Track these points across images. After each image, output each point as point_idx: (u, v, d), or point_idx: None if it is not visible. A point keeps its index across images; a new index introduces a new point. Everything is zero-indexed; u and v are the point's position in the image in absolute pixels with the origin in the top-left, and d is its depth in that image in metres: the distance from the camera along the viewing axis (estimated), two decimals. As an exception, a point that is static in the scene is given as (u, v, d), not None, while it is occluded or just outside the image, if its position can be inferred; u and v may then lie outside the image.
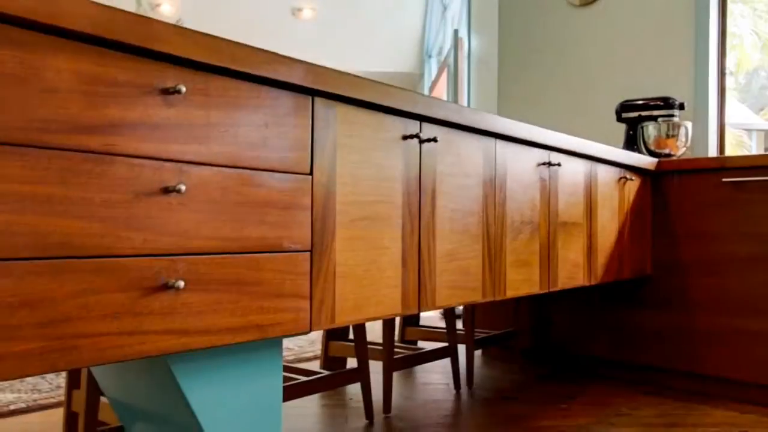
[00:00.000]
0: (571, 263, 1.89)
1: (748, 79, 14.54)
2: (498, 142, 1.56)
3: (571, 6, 3.23)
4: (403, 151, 1.27)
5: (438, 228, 1.36)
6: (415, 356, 2.19)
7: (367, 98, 1.16)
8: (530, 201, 1.69)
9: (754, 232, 2.21)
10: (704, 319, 2.31)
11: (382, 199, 1.22)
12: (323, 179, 1.10)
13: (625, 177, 2.21)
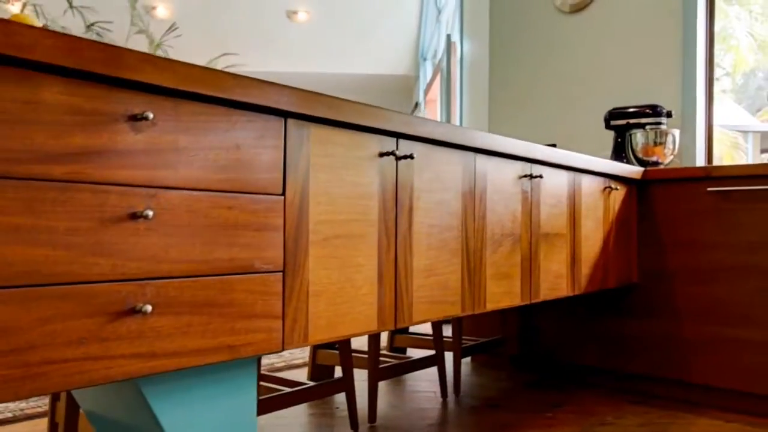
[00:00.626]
0: (554, 274, 1.90)
1: (745, 80, 14.58)
2: (478, 156, 1.57)
3: (560, 13, 3.24)
4: (380, 168, 1.28)
5: (415, 244, 1.37)
6: (401, 366, 2.20)
7: (342, 118, 1.17)
8: (511, 213, 1.70)
9: (739, 241, 2.22)
10: (690, 327, 2.33)
11: (358, 217, 1.23)
12: (296, 199, 1.11)
13: (610, 186, 2.22)
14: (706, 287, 2.29)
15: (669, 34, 2.90)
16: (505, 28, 3.48)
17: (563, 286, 1.95)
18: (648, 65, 2.96)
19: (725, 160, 8.49)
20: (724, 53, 9.42)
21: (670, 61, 2.89)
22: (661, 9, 2.93)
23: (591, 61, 3.13)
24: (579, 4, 3.17)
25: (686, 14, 2.85)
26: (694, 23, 2.82)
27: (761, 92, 15.51)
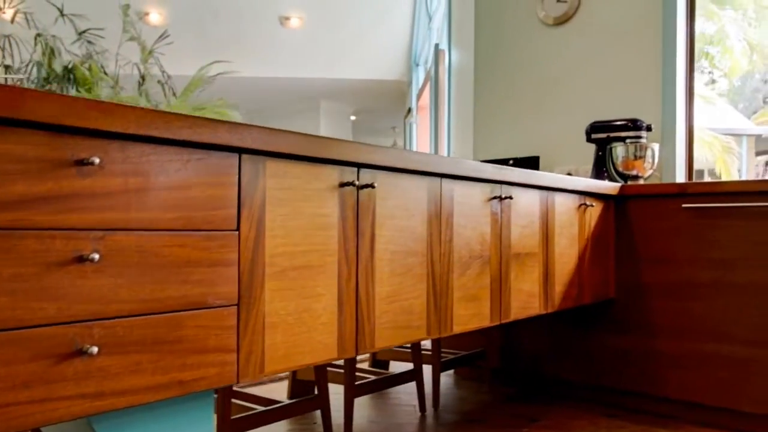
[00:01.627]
0: (526, 293, 1.92)
1: (742, 82, 14.57)
2: (444, 181, 1.59)
3: (544, 25, 3.25)
4: (340, 198, 1.30)
5: (378, 271, 1.39)
6: (378, 382, 2.22)
7: (299, 152, 1.19)
8: (480, 236, 1.71)
9: (714, 257, 2.24)
10: (667, 342, 2.34)
11: (317, 248, 1.25)
12: (251, 234, 1.12)
13: (585, 204, 2.23)
14: (682, 303, 2.31)
15: (649, 48, 2.91)
16: (490, 39, 3.49)
17: (535, 305, 1.96)
18: (629, 79, 2.97)
19: (718, 164, 8.51)
20: (720, 55, 9.44)
21: (651, 75, 2.90)
22: (641, 23, 2.94)
23: (574, 73, 3.15)
24: (562, 17, 3.18)
25: (666, 29, 2.86)
26: (674, 38, 2.84)
27: (757, 94, 15.54)
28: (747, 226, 2.17)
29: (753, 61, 8.65)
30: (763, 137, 9.96)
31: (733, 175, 8.45)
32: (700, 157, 8.45)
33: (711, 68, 10.44)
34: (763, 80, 15.27)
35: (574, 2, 3.14)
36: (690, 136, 2.91)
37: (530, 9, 3.30)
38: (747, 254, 2.17)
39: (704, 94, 9.07)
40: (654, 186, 2.41)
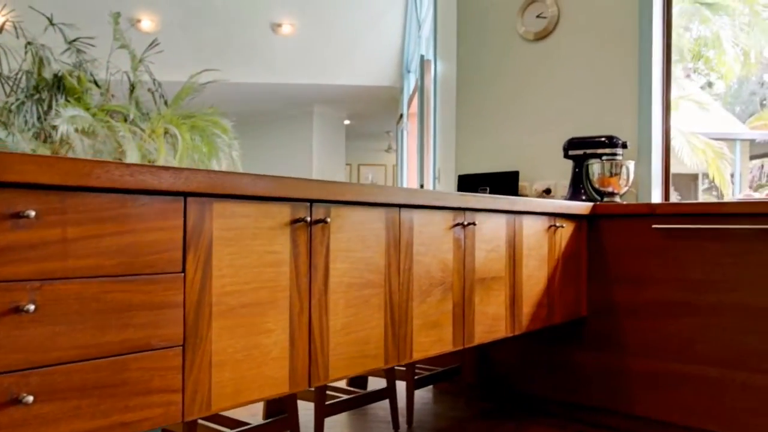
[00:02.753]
0: (491, 317, 1.94)
1: (739, 85, 14.53)
2: (403, 210, 1.61)
3: (524, 40, 3.27)
4: (291, 234, 1.32)
5: (332, 304, 1.41)
6: (349, 401, 2.24)
7: (247, 193, 1.21)
8: (441, 262, 1.73)
9: (683, 278, 2.26)
10: (638, 361, 2.36)
11: (266, 285, 1.27)
12: (197, 275, 1.14)
13: (555, 225, 2.25)
14: (652, 322, 2.33)
15: (626, 65, 2.93)
16: (471, 53, 3.51)
17: (501, 328, 1.99)
18: (606, 95, 2.99)
19: (710, 169, 8.53)
20: (716, 60, 9.44)
21: (627, 92, 2.92)
22: (617, 40, 2.96)
23: (553, 89, 3.17)
24: (541, 33, 3.20)
25: (641, 47, 2.88)
26: (649, 56, 2.85)
27: (754, 97, 15.54)
28: (715, 248, 2.19)
29: (746, 66, 8.66)
30: (756, 142, 9.98)
31: (726, 180, 8.47)
32: (693, 163, 8.47)
33: (708, 71, 10.46)
34: (759, 83, 15.28)
35: (553, 18, 3.16)
36: (666, 154, 2.93)
37: (511, 24, 3.31)
38: (715, 276, 2.19)
39: (699, 100, 9.09)
40: (625, 206, 2.43)
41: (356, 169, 11.10)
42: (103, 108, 4.93)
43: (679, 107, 8.96)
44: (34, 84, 4.94)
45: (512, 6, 3.30)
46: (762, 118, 10.86)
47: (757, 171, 12.36)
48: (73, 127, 4.44)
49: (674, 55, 8.68)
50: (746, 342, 2.12)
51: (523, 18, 3.26)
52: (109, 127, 4.65)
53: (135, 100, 5.21)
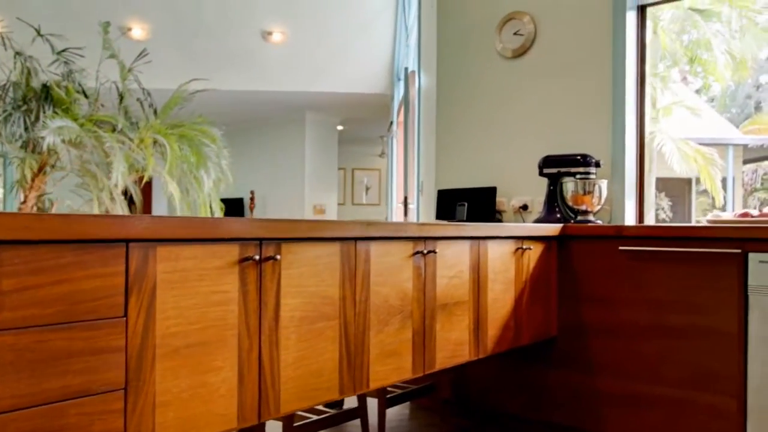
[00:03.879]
0: (454, 342, 1.96)
1: (735, 88, 14.50)
2: (359, 243, 1.63)
3: (502, 58, 3.29)
4: (240, 273, 1.34)
5: (283, 339, 1.43)
6: (318, 422, 2.26)
7: (191, 236, 1.23)
8: (400, 292, 1.75)
9: (650, 299, 2.28)
10: (606, 381, 2.39)
11: (214, 324, 1.29)
12: (140, 319, 1.17)
13: (522, 247, 2.27)
14: (620, 343, 2.35)
15: (601, 84, 2.95)
16: (451, 68, 3.53)
17: (465, 353, 2.01)
18: (581, 114, 3.01)
19: (702, 175, 8.54)
20: (711, 65, 9.44)
21: (602, 110, 2.94)
22: (592, 58, 2.98)
23: (530, 106, 3.19)
24: (519, 50, 3.22)
25: (615, 67, 2.90)
26: (623, 75, 2.87)
27: (749, 101, 15.52)
28: (681, 271, 2.21)
29: (738, 72, 8.67)
30: (749, 147, 9.99)
31: (717, 187, 8.48)
32: (683, 170, 8.48)
33: (705, 74, 10.42)
34: (755, 86, 15.28)
35: (530, 36, 3.18)
36: (641, 172, 2.95)
37: (489, 41, 3.33)
38: (680, 298, 2.21)
39: (691, 105, 9.09)
40: (593, 227, 2.45)
41: (350, 174, 11.11)
42: (91, 118, 4.95)
43: (672, 113, 8.97)
44: (21, 95, 4.96)
45: (490, 23, 3.32)
46: (756, 122, 10.87)
47: (752, 175, 12.37)
48: (60, 138, 4.46)
49: (668, 59, 8.60)
50: (711, 365, 2.14)
51: (500, 35, 3.28)
52: (96, 137, 4.67)
53: (124, 110, 5.23)
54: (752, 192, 11.69)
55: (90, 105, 4.91)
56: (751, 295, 2.07)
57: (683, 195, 10.87)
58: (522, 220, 3.13)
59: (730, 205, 9.54)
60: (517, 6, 3.23)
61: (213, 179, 4.72)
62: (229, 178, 4.69)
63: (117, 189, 4.41)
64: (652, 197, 9.55)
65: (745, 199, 11.61)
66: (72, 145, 4.54)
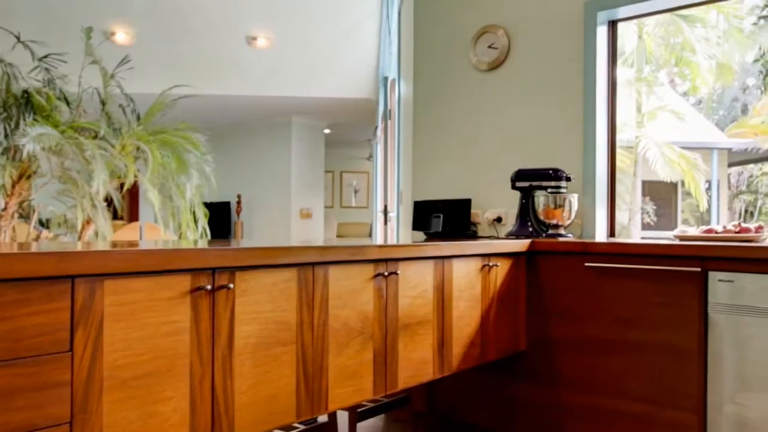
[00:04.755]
0: (417, 361, 1.98)
1: (722, 90, 14.58)
2: (317, 267, 1.64)
3: (477, 70, 3.31)
4: (192, 303, 1.36)
5: (237, 366, 1.45)
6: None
7: (142, 269, 1.24)
8: (361, 314, 1.77)
9: (614, 315, 2.31)
10: (573, 395, 2.41)
11: (164, 354, 1.31)
12: (87, 353, 1.18)
13: (488, 264, 2.30)
14: (587, 358, 2.38)
15: (573, 99, 2.97)
16: (428, 80, 3.55)
17: (429, 371, 2.03)
18: (554, 127, 3.04)
19: (686, 179, 8.61)
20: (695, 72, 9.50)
21: (574, 125, 2.97)
22: (565, 72, 3.00)
23: (505, 119, 3.21)
24: (493, 63, 3.24)
25: (587, 83, 2.92)
26: (593, 92, 2.90)
27: (736, 103, 15.63)
28: (644, 288, 2.24)
29: (722, 77, 8.74)
30: (733, 151, 10.07)
31: (701, 191, 8.55)
32: (667, 174, 8.54)
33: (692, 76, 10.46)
34: (742, 89, 15.39)
35: (504, 49, 3.20)
36: (612, 186, 2.98)
37: (465, 53, 3.35)
38: (644, 314, 2.24)
39: (676, 110, 9.16)
40: (560, 243, 2.48)
41: (338, 176, 11.12)
42: (72, 125, 4.91)
43: (658, 117, 9.04)
44: (1, 102, 4.92)
45: (465, 35, 3.35)
46: (741, 126, 10.95)
47: (738, 177, 12.46)
48: (40, 146, 4.43)
49: (653, 63, 8.65)
50: (671, 381, 2.18)
51: (475, 48, 3.30)
52: (77, 144, 4.64)
53: (107, 116, 5.19)
54: (738, 195, 11.79)
55: (72, 111, 4.90)
56: (710, 313, 2.10)
57: (670, 197, 10.95)
58: (496, 232, 3.16)
59: (714, 209, 9.63)
60: (491, 19, 3.25)
61: (195, 185, 4.71)
62: (212, 184, 4.69)
63: (99, 196, 4.39)
64: (638, 201, 9.61)
65: (731, 201, 11.71)
66: (52, 153, 4.52)
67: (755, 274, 2.02)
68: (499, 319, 2.36)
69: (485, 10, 3.28)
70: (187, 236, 4.67)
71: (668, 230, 10.96)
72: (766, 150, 10.00)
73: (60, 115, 4.54)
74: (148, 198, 4.50)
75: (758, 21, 10.05)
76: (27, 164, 4.57)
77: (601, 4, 2.88)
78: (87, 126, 4.56)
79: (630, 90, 8.69)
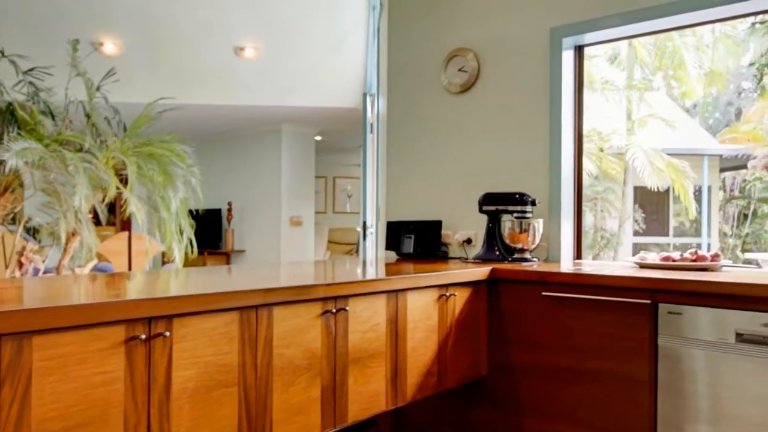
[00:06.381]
0: (369, 394, 2.01)
1: (716, 95, 14.57)
2: (260, 309, 1.67)
3: (448, 92, 3.34)
4: (127, 352, 1.39)
5: (175, 411, 1.48)
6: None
7: (72, 324, 1.27)
8: (307, 351, 1.80)
9: (570, 344, 2.34)
10: (531, 422, 2.44)
11: (96, 404, 1.34)
12: (14, 408, 1.21)
13: (446, 294, 2.33)
14: (545, 385, 2.41)
15: (539, 123, 3.00)
16: (400, 99, 3.58)
17: (381, 403, 2.06)
18: (521, 151, 3.06)
19: (675, 186, 8.63)
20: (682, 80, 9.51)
21: (540, 149, 3.00)
22: (532, 97, 3.03)
23: (475, 142, 3.24)
24: (464, 86, 3.27)
25: (552, 107, 2.95)
26: (559, 116, 2.93)
27: (730, 108, 15.62)
28: (596, 318, 2.27)
29: (710, 85, 8.76)
30: (725, 157, 10.09)
31: (690, 198, 8.57)
32: (655, 183, 8.56)
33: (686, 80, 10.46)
34: (737, 92, 15.39)
35: (473, 72, 3.23)
36: (578, 211, 3.01)
37: (436, 76, 3.38)
38: (598, 344, 2.27)
39: (666, 117, 9.18)
40: (519, 272, 2.51)
41: (332, 182, 11.15)
42: (57, 138, 4.94)
43: (647, 124, 9.06)
44: (-15, 116, 4.92)
45: (437, 57, 3.37)
46: (733, 131, 10.97)
47: (732, 181, 12.48)
48: (23, 160, 4.47)
49: (645, 68, 8.60)
50: (623, 411, 2.20)
51: (446, 70, 3.33)
52: (61, 158, 4.67)
53: (92, 128, 5.22)
54: (731, 199, 11.80)
55: (57, 124, 4.93)
56: (660, 344, 2.13)
57: (663, 203, 10.97)
58: (465, 253, 3.18)
59: (705, 216, 9.65)
60: (461, 42, 3.28)
61: (181, 197, 4.73)
62: (199, 196, 4.71)
63: (82, 210, 4.42)
64: (629, 209, 9.64)
65: (723, 206, 11.73)
66: (36, 167, 4.55)
67: (703, 307, 2.05)
68: (457, 347, 2.39)
69: (456, 32, 3.31)
70: (172, 248, 4.69)
71: (661, 236, 10.92)
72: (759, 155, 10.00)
73: (44, 128, 4.58)
74: (129, 210, 4.53)
75: (752, 26, 10.07)
76: (11, 178, 4.60)
77: (566, 31, 2.91)
78: (71, 139, 4.59)
79: (620, 98, 8.72)
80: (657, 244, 10.47)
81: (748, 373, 1.97)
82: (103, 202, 4.48)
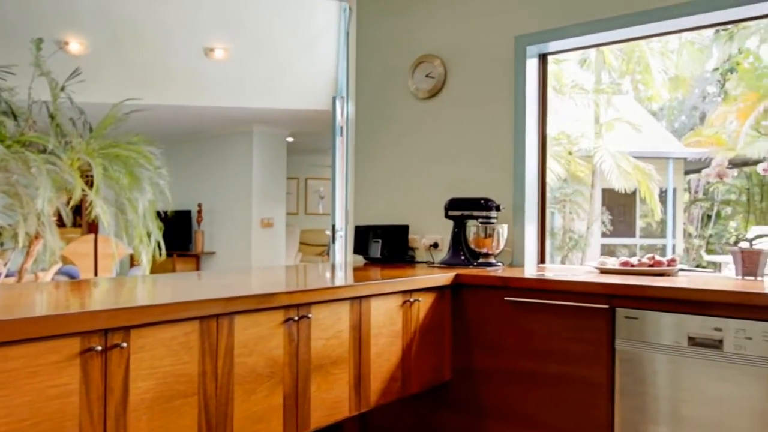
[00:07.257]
0: (332, 400, 2.02)
1: (682, 98, 14.90)
2: (221, 318, 1.67)
3: (415, 98, 3.37)
4: (82, 364, 1.38)
5: (132, 421, 1.47)
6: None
7: (23, 337, 1.26)
8: (269, 359, 1.81)
9: (531, 348, 2.39)
10: (494, 425, 2.48)
11: (50, 417, 1.32)
12: (-38, 424, 1.19)
13: (410, 300, 2.35)
14: (508, 388, 2.45)
15: (504, 129, 3.05)
16: (368, 105, 3.60)
17: (344, 409, 2.07)
18: (487, 157, 3.11)
19: (641, 188, 8.82)
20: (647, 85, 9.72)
21: (505, 155, 3.04)
22: (497, 104, 3.07)
23: (441, 147, 3.27)
24: (431, 91, 3.30)
25: (517, 114, 3.00)
26: (523, 123, 2.98)
27: (695, 112, 16.02)
28: (557, 322, 2.32)
29: (675, 90, 8.97)
30: (689, 160, 10.34)
31: (655, 200, 8.77)
32: (622, 185, 8.75)
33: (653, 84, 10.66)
34: (701, 96, 15.77)
35: (440, 78, 3.26)
36: (542, 215, 3.06)
37: (403, 81, 3.41)
38: (557, 348, 2.32)
39: (633, 121, 9.37)
40: (482, 277, 2.54)
41: (303, 183, 11.11)
42: (19, 139, 4.84)
43: (615, 128, 9.23)
44: (-56, 117, 4.80)
45: (404, 63, 3.40)
46: (697, 135, 11.24)
47: (697, 182, 12.79)
48: (-18, 164, 4.33)
49: (614, 72, 8.76)
50: (583, 413, 2.26)
51: (413, 76, 3.35)
52: (23, 160, 4.58)
53: (57, 128, 5.12)
54: (695, 201, 12.10)
55: (19, 125, 4.82)
56: (618, 348, 2.19)
57: (630, 205, 11.20)
58: (432, 258, 3.21)
59: (670, 218, 9.88)
60: (428, 49, 3.31)
61: (149, 199, 4.67)
62: (167, 197, 4.65)
63: (45, 213, 4.33)
64: (598, 211, 9.82)
65: (688, 208, 12.02)
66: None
67: (658, 312, 2.11)
68: (421, 352, 2.42)
69: (423, 39, 3.34)
70: (140, 250, 4.62)
71: (628, 237, 11.10)
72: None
73: (5, 129, 4.47)
74: (95, 212, 4.45)
75: (716, 32, 10.34)
76: (-29, 181, 4.49)
77: (530, 39, 2.96)
78: (35, 140, 4.50)
79: (589, 101, 8.87)
80: (624, 245, 10.70)
81: (700, 376, 2.03)
82: (68, 205, 4.40)
